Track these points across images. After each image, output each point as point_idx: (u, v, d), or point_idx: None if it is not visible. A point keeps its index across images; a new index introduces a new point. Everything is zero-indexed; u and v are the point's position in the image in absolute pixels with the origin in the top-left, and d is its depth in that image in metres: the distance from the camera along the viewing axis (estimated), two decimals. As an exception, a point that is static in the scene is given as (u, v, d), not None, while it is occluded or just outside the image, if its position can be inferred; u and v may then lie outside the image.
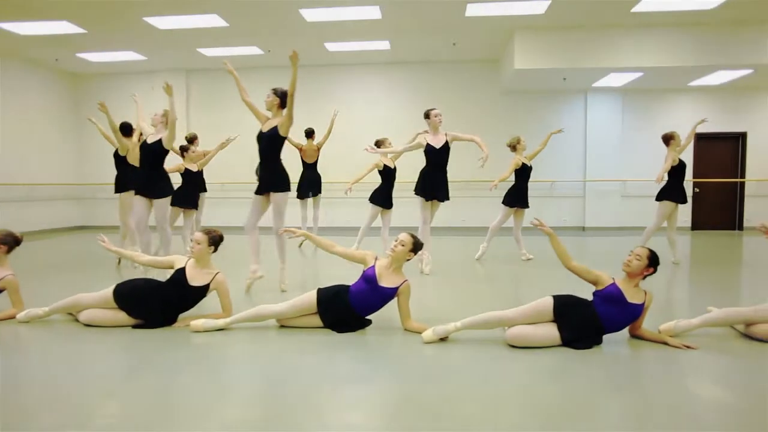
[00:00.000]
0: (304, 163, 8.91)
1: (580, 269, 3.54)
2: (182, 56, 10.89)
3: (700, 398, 2.69)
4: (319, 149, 8.99)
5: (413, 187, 6.25)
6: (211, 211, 11.54)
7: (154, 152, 5.63)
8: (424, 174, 6.13)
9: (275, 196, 5.10)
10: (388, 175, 7.17)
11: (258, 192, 5.18)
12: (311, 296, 3.78)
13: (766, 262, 7.16)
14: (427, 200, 6.10)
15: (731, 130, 11.51)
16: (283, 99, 5.15)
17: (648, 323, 3.64)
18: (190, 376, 2.95)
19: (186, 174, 7.46)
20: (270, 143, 5.21)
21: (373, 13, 8.36)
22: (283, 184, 5.16)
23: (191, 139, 8.52)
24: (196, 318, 3.83)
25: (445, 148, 6.03)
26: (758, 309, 3.54)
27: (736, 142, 11.66)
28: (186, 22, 8.70)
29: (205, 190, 8.57)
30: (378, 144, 7.31)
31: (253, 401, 2.64)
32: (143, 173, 5.73)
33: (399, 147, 6.28)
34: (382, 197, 7.14)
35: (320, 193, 8.97)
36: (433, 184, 6.05)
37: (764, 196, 11.63)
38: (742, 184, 11.65)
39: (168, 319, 3.88)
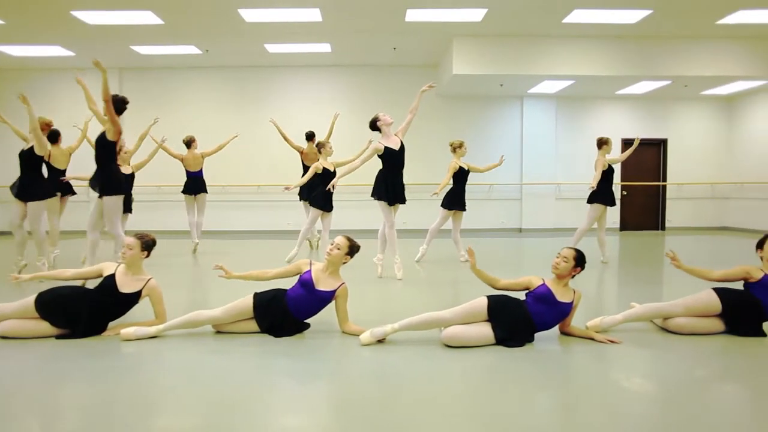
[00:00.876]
0: (305, 166, 8.73)
1: (510, 284, 3.68)
2: (114, 54, 10.45)
3: (625, 389, 2.84)
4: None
5: (350, 190, 6.21)
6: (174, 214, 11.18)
7: (28, 158, 5.95)
8: (384, 177, 5.92)
9: (105, 200, 5.47)
10: (327, 178, 7.15)
11: (99, 195, 5.58)
12: (247, 301, 3.72)
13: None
14: (390, 204, 5.98)
15: (654, 136, 12.24)
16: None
17: (578, 319, 3.82)
18: (122, 386, 2.83)
19: None
20: (99, 148, 5.53)
21: (313, 15, 8.33)
22: (112, 188, 5.49)
23: (189, 142, 8.52)
24: (127, 326, 3.69)
25: (403, 148, 5.93)
26: (673, 304, 3.80)
27: (659, 148, 12.41)
28: (117, 18, 8.38)
29: (206, 191, 8.59)
30: (319, 146, 7.31)
31: (188, 409, 2.57)
32: (21, 178, 6.03)
33: (357, 161, 6.01)
34: (323, 200, 7.12)
35: None
36: (395, 187, 5.94)
37: (683, 199, 12.44)
38: (664, 188, 12.41)
39: (96, 328, 3.70)
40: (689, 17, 8.60)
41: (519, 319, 3.49)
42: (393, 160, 5.90)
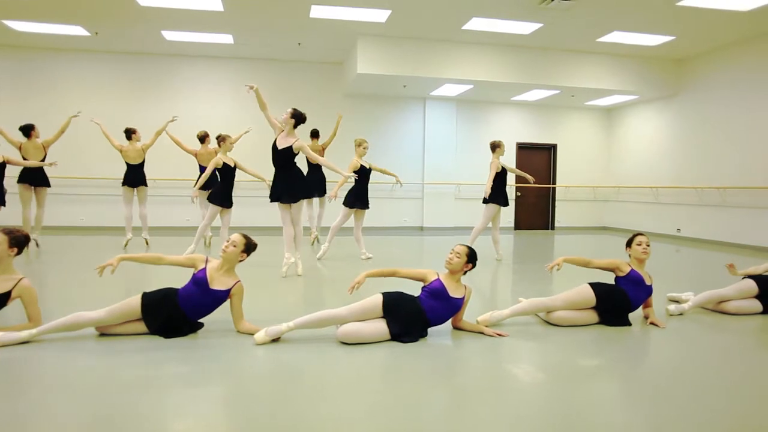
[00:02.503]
0: (308, 163, 8.63)
1: (409, 274, 3.77)
2: (-17, 28, 9.43)
3: (513, 378, 3.01)
4: (323, 149, 8.94)
5: (252, 186, 6.07)
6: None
7: None
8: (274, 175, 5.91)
9: None
10: (227, 173, 6.94)
11: None
12: (135, 301, 3.50)
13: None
14: (271, 201, 5.91)
15: (545, 141, 13.09)
16: None
17: (473, 313, 3.98)
18: (-18, 398, 2.56)
19: None
20: None
21: (214, 4, 8.02)
22: None
23: (202, 138, 8.37)
24: (-7, 331, 3.34)
25: (286, 150, 5.69)
26: (554, 298, 4.09)
27: (549, 152, 13.28)
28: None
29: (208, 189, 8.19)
30: (219, 140, 7.07)
31: (66, 420, 2.37)
32: None
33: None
34: (222, 196, 6.88)
35: (325, 193, 8.84)
36: (275, 185, 5.84)
37: (570, 201, 13.42)
38: (554, 190, 13.31)
39: (-46, 334, 3.32)
40: (574, 33, 9.30)
41: (413, 314, 3.58)
42: (273, 156, 5.81)
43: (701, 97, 10.61)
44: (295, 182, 5.84)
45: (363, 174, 7.26)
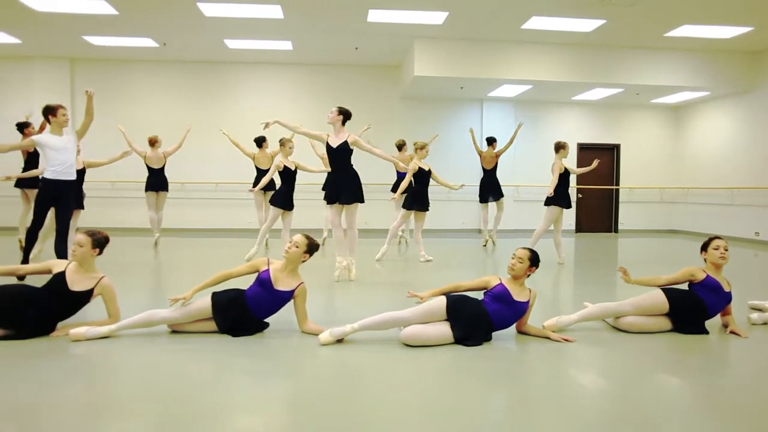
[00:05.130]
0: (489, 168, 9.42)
1: (470, 286, 3.74)
2: (65, 43, 10.06)
3: (580, 385, 2.92)
4: (498, 156, 9.39)
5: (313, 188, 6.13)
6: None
7: None
8: (328, 175, 5.92)
9: None
10: (288, 176, 7.09)
11: None
12: (205, 302, 3.63)
13: (635, 261, 7.93)
14: (327, 203, 5.91)
15: (607, 142, 12.64)
16: None
17: (536, 319, 3.90)
18: (71, 389, 2.72)
19: None
20: None
21: (274, 12, 8.23)
22: None
23: (260, 141, 8.73)
24: (78, 326, 3.55)
25: (342, 148, 5.64)
26: (624, 303, 3.93)
27: (612, 153, 12.82)
28: (68, 6, 8.04)
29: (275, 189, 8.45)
30: (281, 144, 7.26)
31: (142, 412, 2.49)
32: None
33: (301, 128, 5.87)
34: (283, 199, 7.04)
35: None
36: (331, 185, 5.84)
37: (634, 203, 12.89)
38: (617, 192, 12.83)
39: (43, 328, 3.55)
40: (640, 28, 8.94)
41: (477, 318, 3.53)
42: (330, 157, 5.81)
43: (780, 91, 9.95)
44: (351, 183, 5.76)
45: (422, 176, 7.27)
